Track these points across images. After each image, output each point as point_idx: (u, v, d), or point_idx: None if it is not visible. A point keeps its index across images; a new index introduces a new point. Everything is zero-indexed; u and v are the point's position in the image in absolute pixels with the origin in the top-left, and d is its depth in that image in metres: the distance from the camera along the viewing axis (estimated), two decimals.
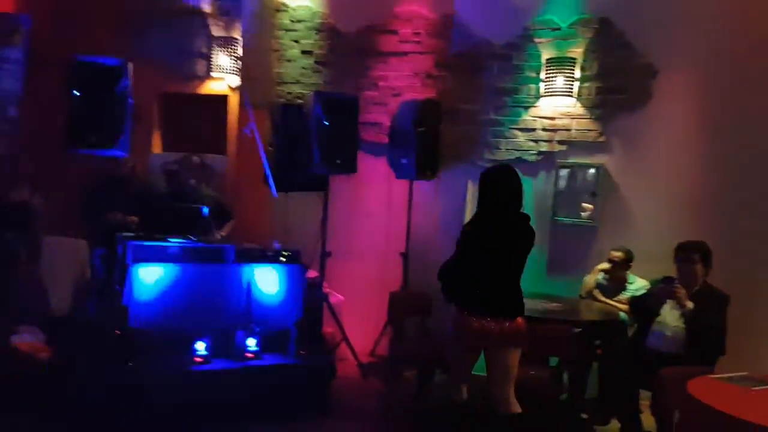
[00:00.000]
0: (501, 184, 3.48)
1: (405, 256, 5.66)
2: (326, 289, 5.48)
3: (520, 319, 3.45)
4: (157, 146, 6.43)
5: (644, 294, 4.47)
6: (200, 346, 4.14)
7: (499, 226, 3.45)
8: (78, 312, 4.79)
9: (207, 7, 6.23)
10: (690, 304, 3.97)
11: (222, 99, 6.24)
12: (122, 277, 4.54)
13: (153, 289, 4.20)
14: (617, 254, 4.84)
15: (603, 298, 4.86)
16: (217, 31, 6.19)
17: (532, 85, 5.56)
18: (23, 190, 5.11)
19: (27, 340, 4.77)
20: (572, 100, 5.42)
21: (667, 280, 4.06)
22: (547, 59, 5.44)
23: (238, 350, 4.27)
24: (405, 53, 5.90)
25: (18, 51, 5.64)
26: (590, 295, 4.92)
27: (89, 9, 6.24)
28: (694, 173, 5.08)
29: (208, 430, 3.96)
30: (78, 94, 4.44)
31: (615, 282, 4.88)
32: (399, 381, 4.63)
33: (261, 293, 4.53)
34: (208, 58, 6.21)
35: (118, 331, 4.30)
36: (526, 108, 5.58)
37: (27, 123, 5.75)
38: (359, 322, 5.99)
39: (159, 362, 4.06)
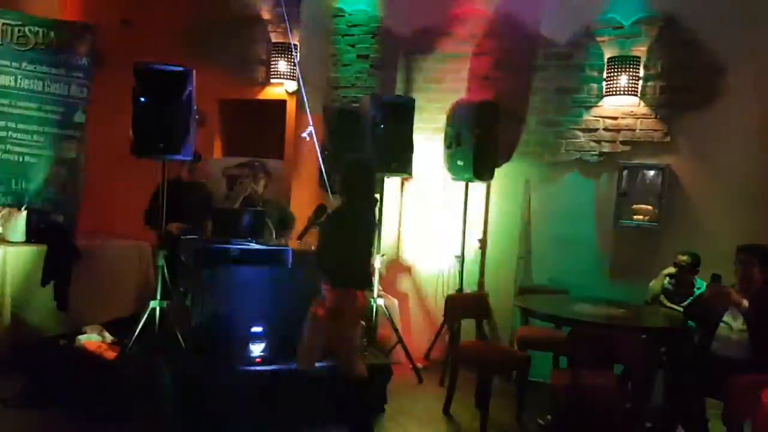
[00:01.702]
0: (370, 175, 3.90)
1: (461, 258, 5.61)
2: (381, 292, 5.47)
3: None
4: (217, 151, 6.56)
5: (696, 299, 4.32)
6: (259, 347, 4.19)
7: (367, 211, 3.91)
8: (142, 312, 4.91)
9: (266, 14, 6.33)
10: (745, 303, 3.84)
11: (280, 104, 6.32)
12: (185, 279, 4.66)
13: (214, 291, 4.27)
14: (684, 258, 4.67)
15: (669, 304, 4.70)
16: (276, 37, 6.28)
17: (594, 85, 5.44)
18: None
19: (93, 339, 4.94)
20: (636, 100, 5.27)
21: (715, 277, 3.93)
22: (609, 58, 5.31)
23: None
24: (462, 54, 5.86)
25: (84, 59, 5.84)
26: (656, 300, 4.77)
27: (153, 17, 6.43)
28: (765, 174, 4.87)
29: (265, 430, 4.00)
30: (144, 100, 4.56)
31: (682, 287, 4.71)
32: (456, 384, 4.57)
33: None
34: (267, 64, 6.30)
35: (181, 332, 4.42)
36: (588, 108, 5.46)
37: (94, 129, 5.95)
38: (414, 325, 5.97)
39: (220, 362, 4.13)
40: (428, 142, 5.85)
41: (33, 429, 3.93)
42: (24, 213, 5.37)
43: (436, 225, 5.94)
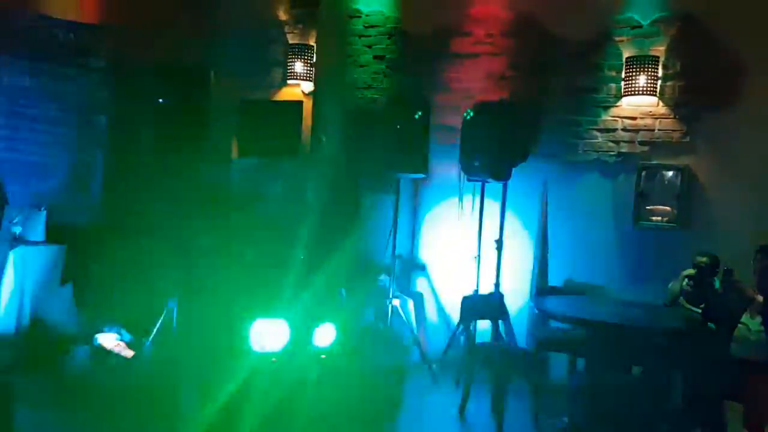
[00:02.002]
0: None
1: (477, 258, 5.58)
2: (396, 292, 5.46)
3: None
4: (234, 152, 6.58)
5: (711, 297, 4.27)
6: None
7: None
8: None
9: (283, 16, 6.36)
10: (759, 298, 3.83)
11: (297, 105, 6.34)
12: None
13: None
14: (703, 260, 4.60)
15: (688, 306, 4.64)
16: (292, 38, 6.31)
17: (612, 85, 5.39)
18: None
19: (112, 338, 4.98)
20: (654, 99, 5.22)
21: (728, 272, 3.89)
22: (628, 58, 5.26)
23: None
24: (478, 54, 5.84)
25: (103, 60, 5.90)
26: (675, 302, 4.72)
27: (171, 19, 6.47)
28: None
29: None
30: (163, 101, 4.59)
31: (701, 288, 4.65)
32: (471, 385, 4.56)
33: None
34: (284, 65, 6.33)
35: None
36: (606, 108, 5.42)
37: (113, 130, 6.01)
38: (430, 325, 5.96)
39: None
40: (444, 142, 5.85)
41: (51, 428, 3.97)
42: (43, 213, 5.44)
43: (452, 225, 5.92)
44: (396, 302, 5.34)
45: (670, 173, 5.19)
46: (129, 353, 4.67)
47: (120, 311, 5.45)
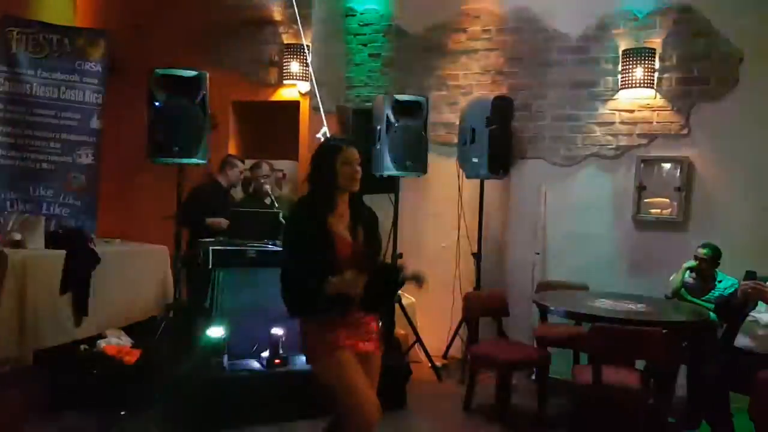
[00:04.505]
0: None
1: (477, 256, 5.57)
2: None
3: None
4: (232, 153, 6.57)
5: (730, 295, 4.25)
6: (279, 347, 4.21)
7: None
8: (162, 315, 4.94)
9: (278, 16, 6.34)
10: None
11: (293, 105, 6.33)
12: (203, 281, 4.67)
13: (232, 293, 4.28)
14: (704, 251, 4.62)
15: (690, 298, 4.65)
16: (288, 38, 6.29)
17: (609, 78, 5.38)
18: None
19: (113, 343, 4.96)
20: (652, 92, 5.22)
21: (750, 274, 3.86)
22: (624, 50, 5.25)
23: None
24: (475, 51, 5.83)
25: (98, 64, 5.88)
26: (677, 294, 4.71)
27: (165, 21, 6.46)
28: None
29: (289, 428, 4.01)
30: (159, 104, 4.58)
31: (703, 281, 4.66)
32: (476, 383, 4.55)
33: None
34: (279, 65, 6.31)
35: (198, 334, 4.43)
36: (604, 101, 5.41)
37: (109, 134, 5.99)
38: (431, 324, 5.94)
39: (240, 363, 4.20)
40: (443, 139, 5.85)
41: None
42: (42, 219, 5.41)
43: (452, 223, 5.90)
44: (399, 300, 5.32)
45: (669, 165, 5.19)
46: (131, 358, 4.65)
47: (121, 316, 5.44)
